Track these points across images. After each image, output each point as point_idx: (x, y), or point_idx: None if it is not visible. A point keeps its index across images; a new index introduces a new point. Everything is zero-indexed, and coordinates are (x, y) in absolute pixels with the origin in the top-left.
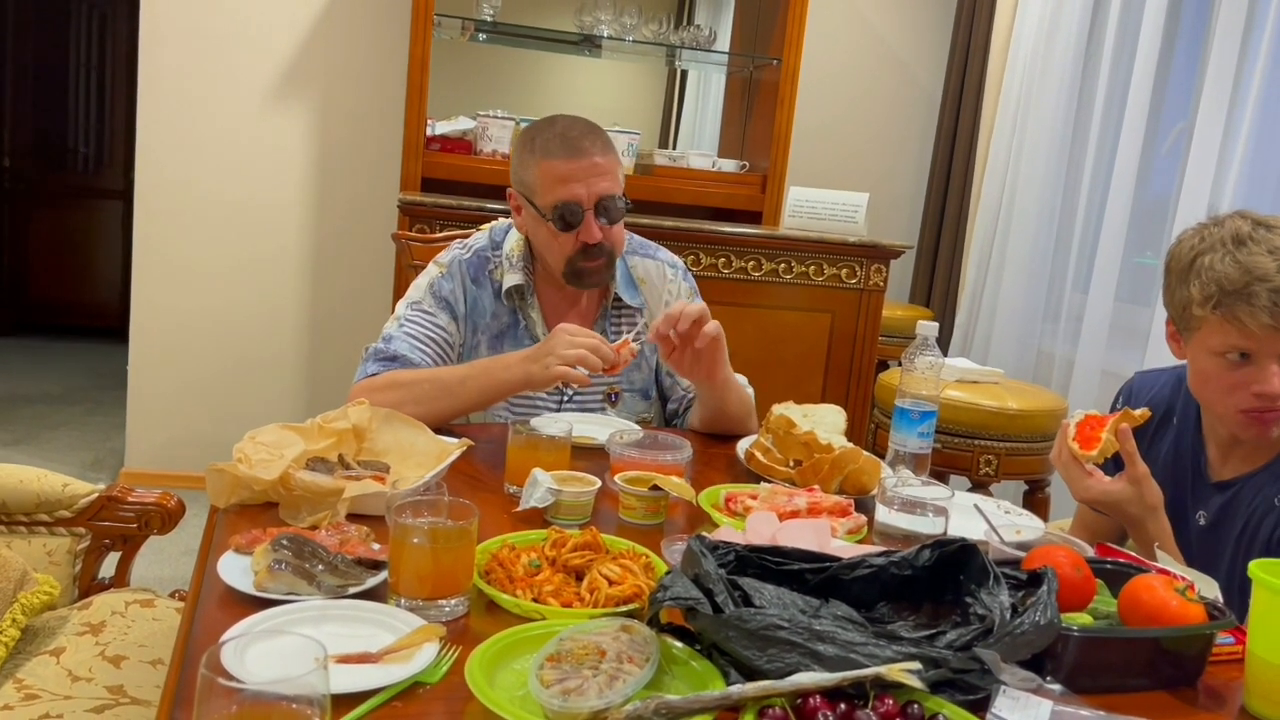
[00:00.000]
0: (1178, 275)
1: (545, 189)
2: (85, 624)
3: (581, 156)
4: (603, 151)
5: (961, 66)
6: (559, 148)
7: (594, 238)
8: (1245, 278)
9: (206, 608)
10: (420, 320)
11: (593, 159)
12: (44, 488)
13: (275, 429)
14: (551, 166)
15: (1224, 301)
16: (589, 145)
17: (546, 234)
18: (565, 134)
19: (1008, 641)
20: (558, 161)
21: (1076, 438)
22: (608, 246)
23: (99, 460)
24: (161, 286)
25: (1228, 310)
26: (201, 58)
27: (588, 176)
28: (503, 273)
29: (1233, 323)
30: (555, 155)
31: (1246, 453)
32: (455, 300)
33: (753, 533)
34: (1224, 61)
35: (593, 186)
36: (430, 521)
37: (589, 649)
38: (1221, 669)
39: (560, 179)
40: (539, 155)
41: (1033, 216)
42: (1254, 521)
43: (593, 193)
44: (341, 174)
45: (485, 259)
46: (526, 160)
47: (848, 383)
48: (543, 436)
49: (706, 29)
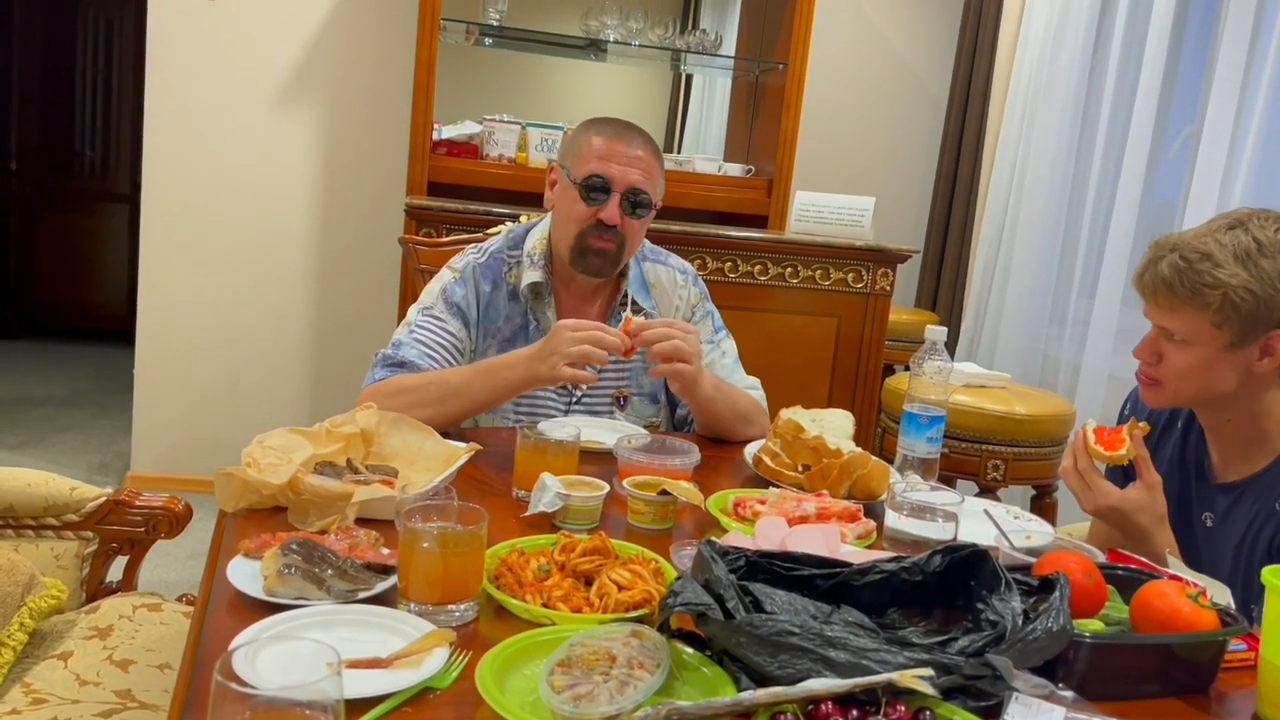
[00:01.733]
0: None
1: (584, 159)
2: (93, 628)
3: (628, 145)
4: (648, 151)
5: (968, 71)
6: (611, 130)
7: (612, 218)
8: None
9: (216, 612)
10: (431, 326)
11: (636, 151)
12: (51, 491)
13: (283, 433)
14: (599, 142)
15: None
16: (638, 140)
17: (569, 203)
18: (627, 126)
19: (1020, 648)
20: (605, 139)
21: (1099, 442)
22: (621, 234)
23: (105, 464)
24: (168, 290)
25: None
26: (208, 62)
27: (626, 163)
28: (520, 272)
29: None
30: (605, 133)
31: (1249, 455)
32: (468, 306)
33: (762, 538)
34: (1232, 64)
35: (628, 174)
36: (439, 526)
37: (599, 654)
38: (1234, 675)
39: (601, 155)
40: (591, 131)
41: (1039, 221)
42: (1256, 525)
43: (626, 179)
44: (348, 178)
45: (501, 260)
46: (578, 135)
47: (854, 387)
48: (551, 441)
49: (712, 33)
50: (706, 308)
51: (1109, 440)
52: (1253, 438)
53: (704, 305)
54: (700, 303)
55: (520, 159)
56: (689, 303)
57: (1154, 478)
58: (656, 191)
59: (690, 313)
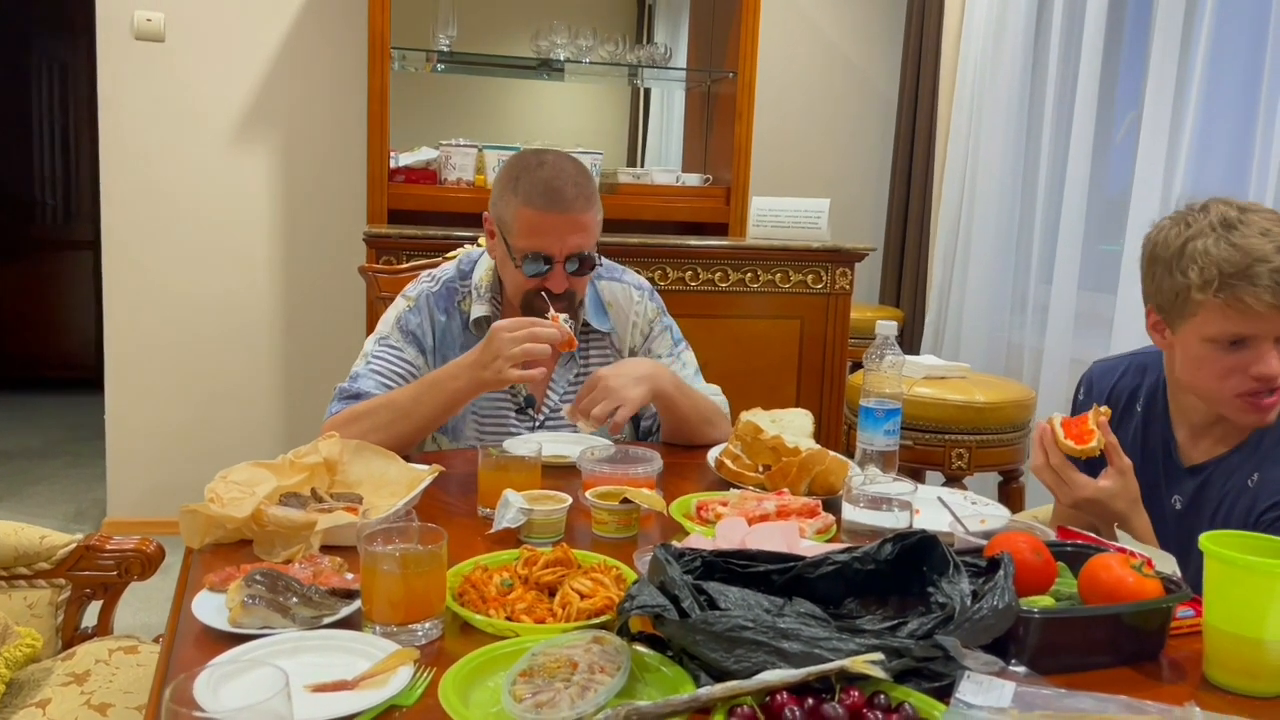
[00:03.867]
0: (1165, 263)
1: (520, 233)
2: (70, 674)
3: (562, 211)
4: (584, 207)
5: (915, 68)
6: (540, 198)
7: (559, 288)
8: (1245, 259)
9: (183, 648)
10: (387, 356)
11: (572, 215)
12: (21, 541)
13: (246, 467)
14: (530, 215)
15: (1225, 285)
16: (571, 198)
17: (510, 269)
18: (550, 183)
19: (968, 627)
20: (537, 212)
21: (1068, 436)
22: (570, 292)
23: (82, 512)
24: (134, 334)
25: (1230, 293)
26: (161, 104)
27: (565, 233)
28: (470, 303)
29: (1234, 305)
30: (536, 204)
31: (1217, 436)
32: (423, 334)
33: (722, 538)
34: (1168, 48)
35: (567, 241)
36: (399, 548)
37: (561, 662)
38: (1184, 642)
39: (536, 229)
40: (520, 199)
41: (993, 211)
42: (1227, 503)
43: (566, 247)
44: (308, 211)
45: (453, 289)
46: (508, 197)
47: (821, 386)
48: (513, 458)
49: (663, 46)
50: (664, 322)
51: (1077, 434)
52: (1224, 421)
53: (661, 320)
54: (658, 317)
55: (479, 181)
56: (646, 318)
57: (1125, 463)
58: (596, 237)
59: (649, 328)
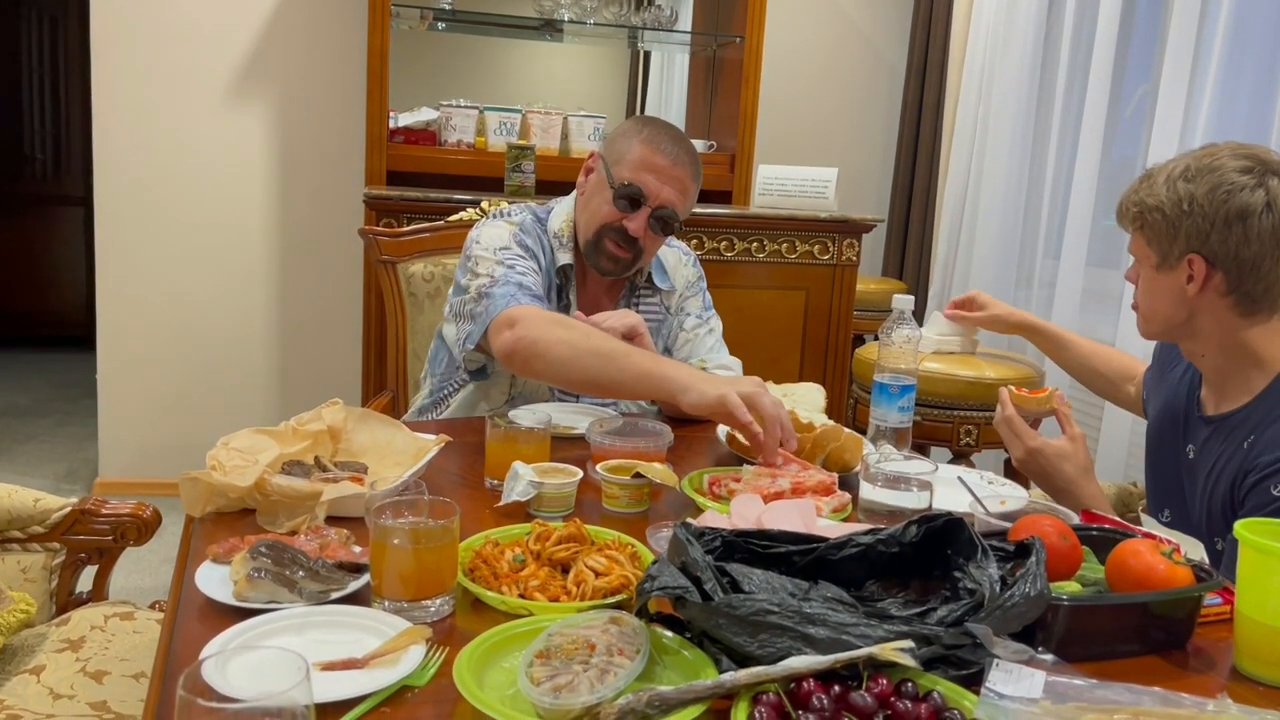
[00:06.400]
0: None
1: (631, 164)
2: (64, 640)
3: (672, 161)
4: (692, 175)
5: (924, 37)
6: (667, 144)
7: (638, 231)
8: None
9: (186, 621)
10: (520, 265)
11: (680, 171)
12: (14, 503)
13: (248, 434)
14: (650, 153)
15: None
16: (687, 161)
17: (600, 199)
18: (676, 140)
19: (999, 615)
20: (657, 153)
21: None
22: (641, 247)
23: (72, 471)
24: (127, 292)
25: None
26: (156, 58)
27: (669, 181)
28: (554, 253)
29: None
30: (658, 146)
31: (1231, 389)
32: (539, 252)
33: (738, 516)
34: (1185, 22)
35: (664, 190)
36: (411, 521)
37: (578, 643)
38: (1211, 630)
39: (649, 166)
40: (645, 138)
41: (1001, 185)
42: (1222, 461)
43: (662, 195)
44: (305, 170)
45: (542, 227)
46: (631, 135)
47: (825, 359)
48: (521, 429)
49: (667, 9)
50: (699, 286)
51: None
52: (1229, 375)
53: (698, 284)
54: (695, 281)
55: (479, 144)
56: (686, 280)
57: (1077, 431)
58: (687, 209)
59: (687, 290)
